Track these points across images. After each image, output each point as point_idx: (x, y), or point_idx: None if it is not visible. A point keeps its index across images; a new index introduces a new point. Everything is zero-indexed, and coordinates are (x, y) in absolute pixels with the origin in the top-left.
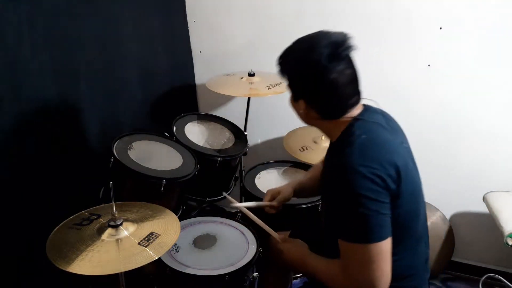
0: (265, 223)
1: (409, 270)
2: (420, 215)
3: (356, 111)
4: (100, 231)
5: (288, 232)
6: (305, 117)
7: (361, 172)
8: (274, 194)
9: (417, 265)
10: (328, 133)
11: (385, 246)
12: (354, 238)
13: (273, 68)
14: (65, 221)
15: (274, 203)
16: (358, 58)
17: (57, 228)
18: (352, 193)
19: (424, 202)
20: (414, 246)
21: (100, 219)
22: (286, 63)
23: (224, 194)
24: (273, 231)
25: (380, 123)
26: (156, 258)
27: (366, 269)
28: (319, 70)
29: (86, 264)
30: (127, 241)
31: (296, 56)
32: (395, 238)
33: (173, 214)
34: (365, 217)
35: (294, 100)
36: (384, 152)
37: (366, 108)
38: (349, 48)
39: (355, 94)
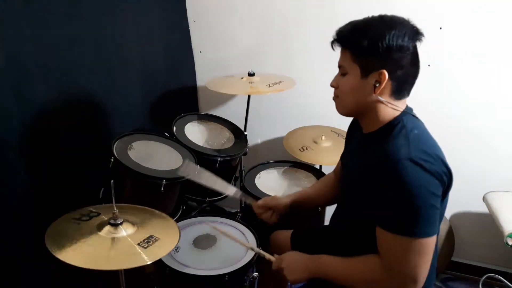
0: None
1: None
2: (440, 225)
3: (403, 105)
4: (100, 227)
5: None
6: (368, 96)
7: (422, 165)
8: (266, 199)
9: (430, 268)
10: (373, 120)
11: (433, 240)
12: (406, 231)
13: (273, 68)
14: (66, 215)
15: (260, 202)
16: None
17: (58, 219)
18: (412, 185)
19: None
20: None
21: (101, 216)
22: (363, 34)
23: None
24: (268, 254)
25: (422, 125)
26: (149, 262)
27: (413, 262)
28: (405, 42)
29: (77, 254)
30: (124, 241)
31: (378, 28)
32: None
33: (173, 221)
34: (424, 210)
35: (364, 74)
36: (437, 151)
37: (410, 108)
38: (422, 34)
39: (414, 82)
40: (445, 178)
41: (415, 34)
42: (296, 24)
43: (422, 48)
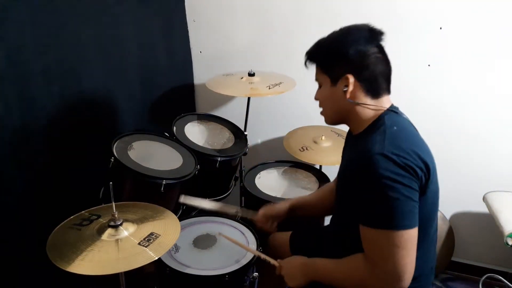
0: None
1: (418, 271)
2: (434, 221)
3: (387, 103)
4: (100, 231)
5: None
6: (342, 102)
7: (393, 159)
8: (266, 209)
9: (425, 268)
10: (357, 122)
11: (414, 234)
12: (385, 224)
13: (273, 68)
14: (65, 221)
15: (260, 214)
16: None
17: (57, 228)
18: (384, 177)
19: (437, 210)
20: (426, 249)
21: (100, 220)
22: (324, 47)
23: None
24: (273, 259)
25: (409, 121)
26: (156, 258)
27: (395, 256)
28: (361, 45)
29: (86, 264)
30: (127, 241)
31: (334, 39)
32: None
33: (173, 215)
34: (398, 203)
35: (333, 82)
36: (414, 146)
37: (396, 106)
38: (381, 33)
39: (389, 79)
40: (419, 173)
41: (373, 36)
42: (296, 23)
43: (422, 48)
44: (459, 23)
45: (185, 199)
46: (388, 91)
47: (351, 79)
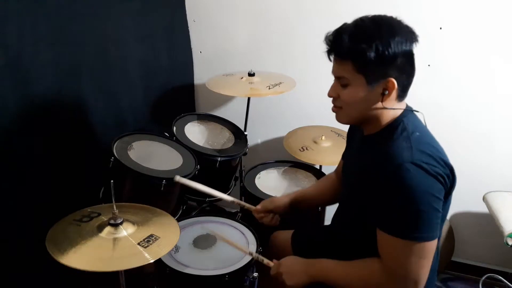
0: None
1: None
2: (442, 226)
3: (404, 104)
4: (100, 228)
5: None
6: (373, 105)
7: (425, 168)
8: (265, 202)
9: (431, 271)
10: (374, 124)
11: (435, 244)
12: (409, 235)
13: (273, 67)
14: (67, 216)
15: (258, 207)
16: None
17: (58, 222)
18: (416, 188)
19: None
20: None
21: (102, 217)
22: (365, 44)
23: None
24: (267, 259)
25: (422, 123)
26: (151, 261)
27: (416, 265)
28: (407, 46)
29: (78, 257)
30: (125, 241)
31: (379, 35)
32: None
33: (173, 219)
34: (426, 215)
35: (370, 84)
36: (439, 152)
37: (409, 106)
38: (416, 34)
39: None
40: (447, 181)
41: (413, 36)
42: (296, 24)
43: (422, 48)
44: (459, 23)
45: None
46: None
47: (395, 83)
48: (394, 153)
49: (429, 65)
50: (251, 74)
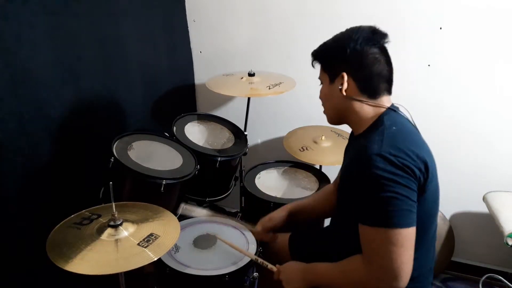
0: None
1: (417, 271)
2: (434, 221)
3: (387, 103)
4: (100, 231)
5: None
6: (340, 100)
7: (390, 159)
8: (264, 222)
9: (424, 268)
10: (357, 122)
11: (411, 233)
12: (382, 222)
13: (273, 67)
14: (65, 220)
15: (258, 229)
16: None
17: (57, 226)
18: (381, 177)
19: (438, 210)
20: (426, 249)
21: (100, 219)
22: (326, 46)
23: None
24: (270, 264)
25: (409, 120)
26: (155, 259)
27: (391, 254)
28: (359, 45)
29: (85, 263)
30: (127, 241)
31: (336, 39)
32: None
33: (173, 216)
34: (395, 202)
35: (331, 80)
36: (413, 146)
37: (396, 106)
38: (384, 35)
39: (390, 80)
40: (418, 173)
41: (374, 37)
42: (296, 23)
43: (422, 48)
44: (459, 23)
45: (185, 210)
46: (388, 92)
47: (345, 77)
48: (366, 146)
49: (429, 65)
50: (251, 74)
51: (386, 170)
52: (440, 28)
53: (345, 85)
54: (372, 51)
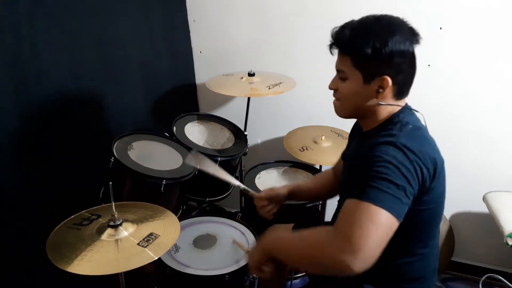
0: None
1: (421, 272)
2: (439, 223)
3: (403, 102)
4: (100, 231)
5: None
6: (368, 101)
7: (404, 151)
8: (266, 190)
9: (429, 269)
10: (371, 120)
11: (392, 223)
12: (368, 197)
13: (273, 67)
14: (65, 220)
15: (262, 194)
16: None
17: (57, 227)
18: (387, 161)
19: (443, 212)
20: (430, 250)
21: (100, 219)
22: (363, 39)
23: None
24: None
25: (420, 121)
26: (156, 258)
27: (364, 227)
28: (406, 46)
29: (85, 264)
30: (127, 241)
31: (378, 33)
32: (416, 236)
33: (173, 215)
34: (389, 185)
35: (367, 80)
36: (426, 146)
37: (408, 104)
38: (419, 35)
39: (413, 81)
40: (426, 172)
41: (414, 36)
42: (296, 23)
43: (422, 48)
44: (459, 23)
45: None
46: (408, 92)
47: (390, 81)
48: (380, 139)
49: (429, 65)
50: (251, 74)
51: (395, 157)
52: (440, 28)
53: (387, 91)
54: (412, 54)
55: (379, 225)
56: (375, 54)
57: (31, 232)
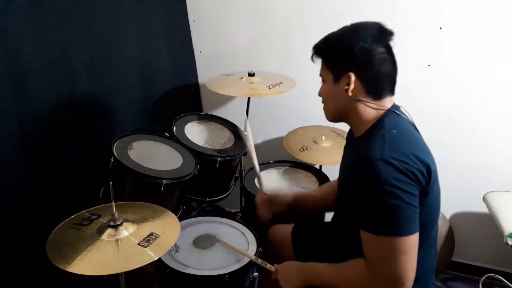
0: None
1: (419, 273)
2: (436, 223)
3: (389, 103)
4: (100, 231)
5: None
6: (343, 100)
7: (394, 164)
8: (272, 196)
9: (426, 270)
10: (358, 123)
11: (416, 239)
12: (387, 231)
13: (273, 68)
14: (65, 220)
15: (265, 196)
16: None
17: (57, 227)
18: (385, 183)
19: (439, 212)
20: (427, 251)
21: (100, 219)
22: (330, 42)
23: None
24: (269, 264)
25: (411, 122)
26: (156, 258)
27: (398, 262)
28: (367, 44)
29: (85, 264)
30: (127, 241)
31: (342, 36)
32: None
33: (173, 215)
34: (400, 209)
35: (336, 79)
36: (415, 149)
37: (397, 106)
38: (391, 33)
39: (394, 80)
40: (420, 177)
41: (380, 36)
42: (296, 24)
43: (422, 48)
44: (459, 23)
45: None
46: (391, 92)
47: (353, 77)
48: (367, 151)
49: (429, 65)
50: (251, 74)
51: (389, 175)
52: (440, 28)
53: (352, 86)
54: (380, 51)
55: (411, 250)
56: (339, 52)
57: (31, 232)
